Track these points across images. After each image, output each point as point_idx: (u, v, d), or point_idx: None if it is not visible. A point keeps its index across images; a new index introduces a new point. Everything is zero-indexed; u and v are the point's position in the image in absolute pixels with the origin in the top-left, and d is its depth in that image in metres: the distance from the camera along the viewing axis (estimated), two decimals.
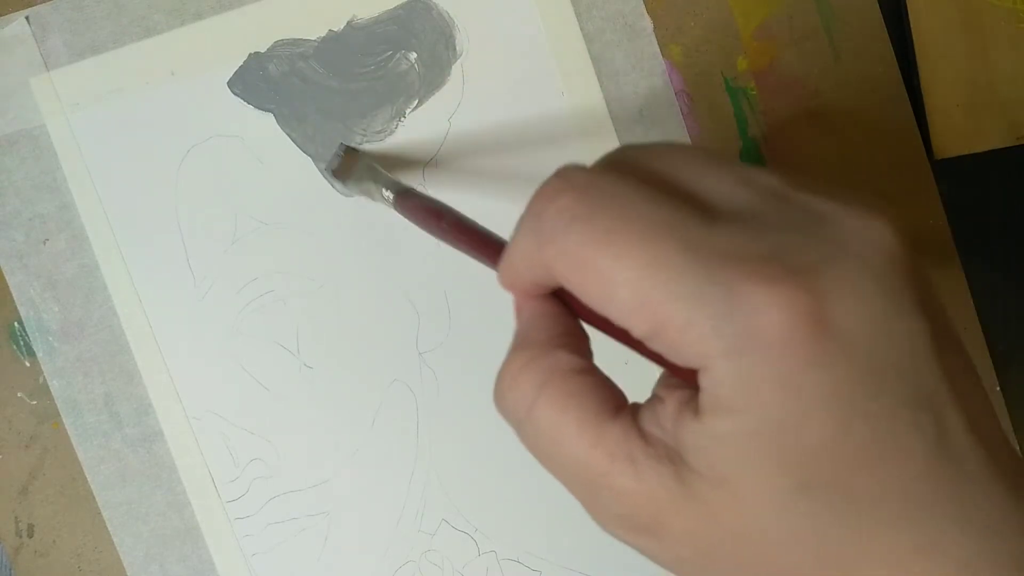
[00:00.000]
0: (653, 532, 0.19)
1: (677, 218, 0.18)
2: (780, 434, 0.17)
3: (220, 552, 0.36)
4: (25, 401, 0.36)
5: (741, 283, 0.17)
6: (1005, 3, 0.37)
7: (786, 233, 0.18)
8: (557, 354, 0.21)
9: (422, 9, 0.36)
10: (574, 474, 0.20)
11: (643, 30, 0.37)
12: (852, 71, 0.37)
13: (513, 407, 0.21)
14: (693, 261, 0.18)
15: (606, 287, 0.18)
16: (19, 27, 0.36)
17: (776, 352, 0.17)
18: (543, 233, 0.20)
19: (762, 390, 0.17)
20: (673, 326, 0.18)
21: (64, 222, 0.36)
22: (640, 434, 0.19)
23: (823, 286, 0.17)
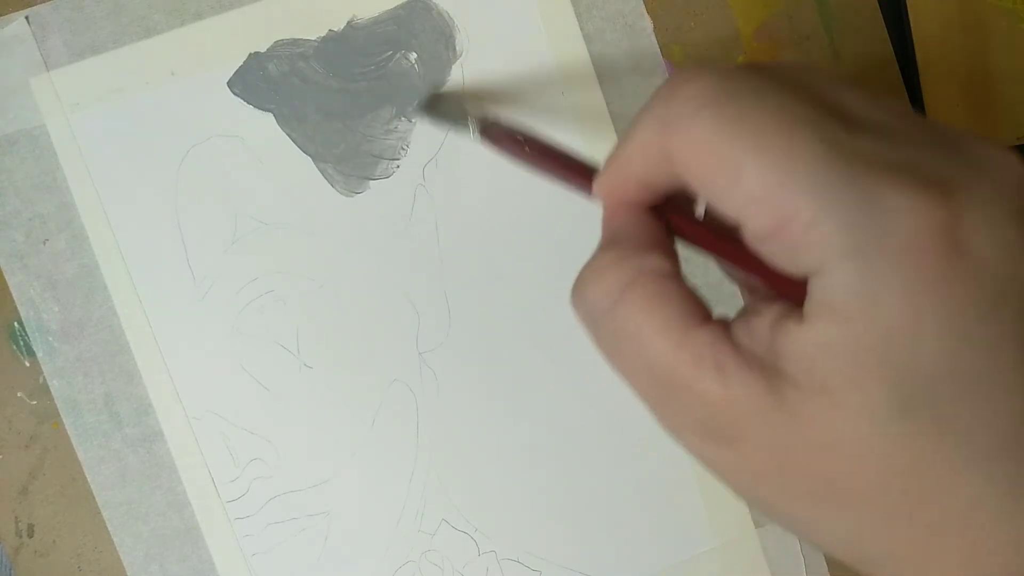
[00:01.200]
0: (732, 441, 0.19)
1: (818, 116, 0.18)
2: (893, 347, 0.17)
3: (220, 552, 0.36)
4: (25, 401, 0.36)
5: (880, 185, 0.17)
6: (1005, 3, 0.37)
7: (926, 149, 0.18)
8: (649, 255, 0.20)
9: (422, 9, 0.36)
10: (652, 375, 0.19)
11: (643, 30, 0.37)
12: (852, 71, 0.37)
13: (593, 301, 0.20)
14: (832, 157, 0.17)
15: (733, 175, 0.18)
16: (19, 27, 0.36)
17: (906, 259, 0.17)
18: (669, 120, 0.19)
19: (883, 297, 0.17)
20: (799, 220, 0.17)
21: (64, 222, 0.36)
22: (730, 341, 0.19)
23: (961, 203, 0.17)
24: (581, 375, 0.37)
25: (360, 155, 0.37)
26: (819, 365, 0.17)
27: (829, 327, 0.17)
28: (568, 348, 0.37)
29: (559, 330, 0.37)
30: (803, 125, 0.17)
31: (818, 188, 0.17)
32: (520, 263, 0.37)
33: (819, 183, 0.17)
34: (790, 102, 0.18)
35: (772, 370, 0.18)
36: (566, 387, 0.37)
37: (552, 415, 0.37)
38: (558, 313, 0.37)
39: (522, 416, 0.37)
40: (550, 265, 0.37)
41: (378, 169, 0.37)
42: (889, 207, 0.17)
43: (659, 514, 0.37)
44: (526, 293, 0.37)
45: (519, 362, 0.37)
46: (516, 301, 0.37)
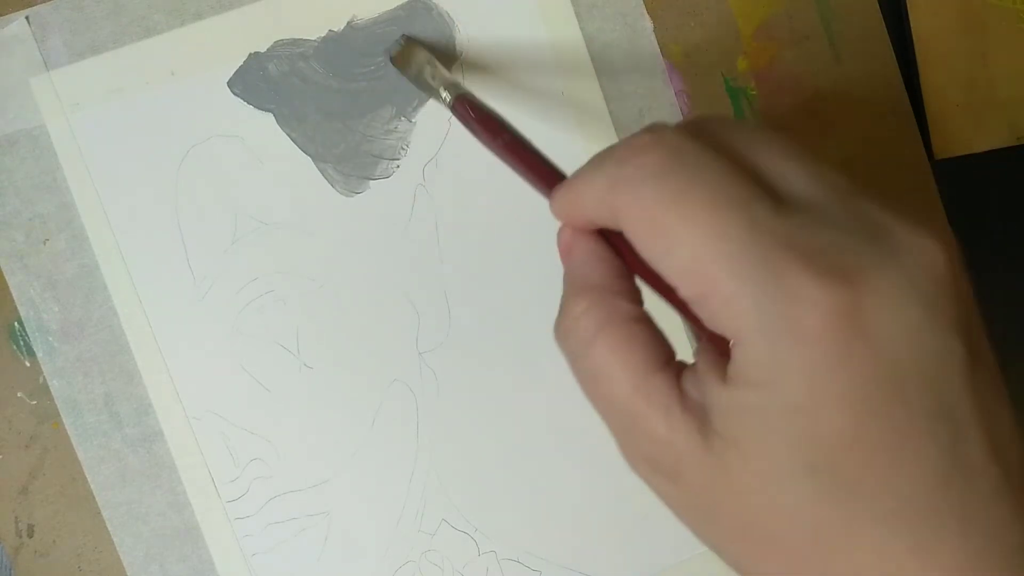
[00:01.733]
0: (672, 477, 0.21)
1: (747, 197, 0.19)
2: (797, 417, 0.18)
3: (220, 552, 0.36)
4: (25, 401, 0.36)
5: (791, 271, 0.18)
6: (1005, 3, 0.37)
7: (843, 233, 0.19)
8: (617, 301, 0.22)
9: (422, 9, 0.36)
10: (614, 412, 0.22)
11: (643, 30, 0.37)
12: (852, 71, 0.37)
13: (572, 344, 0.22)
14: (753, 241, 0.19)
15: (667, 244, 0.20)
16: (19, 27, 0.36)
17: (808, 342, 0.18)
18: (621, 179, 0.21)
19: (788, 374, 0.18)
20: (719, 295, 0.19)
21: (64, 222, 0.36)
22: (678, 389, 0.21)
23: (867, 289, 0.18)
24: None
25: (360, 155, 0.37)
26: (736, 422, 0.19)
27: (745, 391, 0.19)
28: None
29: None
30: (733, 206, 0.19)
31: (736, 269, 0.19)
32: (520, 263, 0.37)
33: (738, 265, 0.19)
34: (727, 181, 0.20)
35: (704, 419, 0.20)
36: (566, 387, 0.37)
37: (552, 415, 0.37)
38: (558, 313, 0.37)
39: (522, 416, 0.37)
40: (550, 265, 0.37)
41: (378, 169, 0.37)
42: (797, 292, 0.18)
43: (659, 514, 0.37)
44: (526, 293, 0.37)
45: (519, 362, 0.37)
46: (516, 301, 0.37)
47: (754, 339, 0.19)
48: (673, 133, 0.21)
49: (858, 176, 0.37)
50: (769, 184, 0.20)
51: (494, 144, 0.28)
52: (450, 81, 0.32)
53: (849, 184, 0.21)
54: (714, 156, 0.20)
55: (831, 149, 0.38)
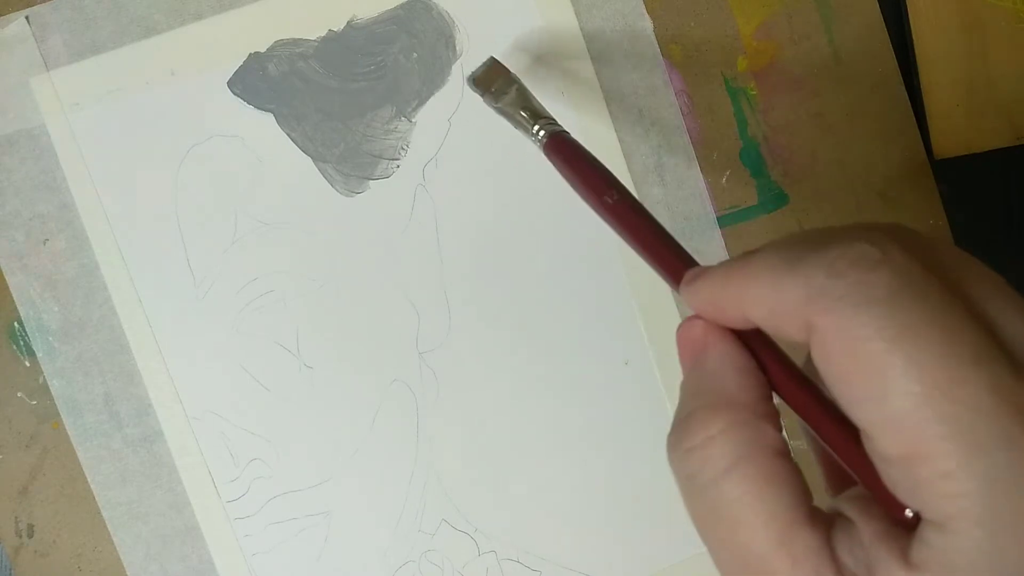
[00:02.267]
0: None
1: (988, 354, 0.16)
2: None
3: (220, 552, 0.36)
4: (25, 401, 0.36)
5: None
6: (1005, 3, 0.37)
7: None
8: (763, 426, 0.18)
9: (422, 9, 0.36)
10: (742, 563, 0.18)
11: (643, 30, 0.37)
12: (852, 71, 0.37)
13: (698, 468, 0.18)
14: (995, 408, 0.15)
15: (880, 389, 0.16)
16: (19, 27, 0.36)
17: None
18: (831, 297, 0.17)
19: (1010, 558, 0.15)
20: (935, 464, 0.16)
21: (64, 222, 0.36)
22: (831, 555, 0.17)
23: None
24: (581, 375, 0.37)
25: (360, 155, 0.37)
26: None
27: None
28: (568, 348, 0.37)
29: (559, 330, 0.37)
30: (972, 359, 0.16)
31: (970, 438, 0.15)
32: (520, 263, 0.37)
33: (973, 433, 0.15)
34: (963, 324, 0.16)
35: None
36: (566, 387, 0.37)
37: (552, 415, 0.37)
38: (557, 313, 0.37)
39: (522, 416, 0.37)
40: (550, 265, 0.37)
41: (378, 169, 0.37)
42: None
43: (659, 514, 0.37)
44: (526, 293, 0.37)
45: (519, 362, 0.37)
46: (516, 301, 0.37)
47: (971, 527, 0.15)
48: (901, 252, 0.17)
49: (858, 176, 0.38)
50: (1003, 341, 0.17)
51: (599, 206, 0.24)
52: (543, 115, 0.28)
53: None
54: (948, 293, 0.17)
55: (831, 149, 0.38)
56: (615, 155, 0.37)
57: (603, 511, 0.37)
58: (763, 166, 0.37)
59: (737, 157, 0.37)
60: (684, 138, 0.37)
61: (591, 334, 0.37)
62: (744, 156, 0.37)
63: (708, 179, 0.37)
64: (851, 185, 0.37)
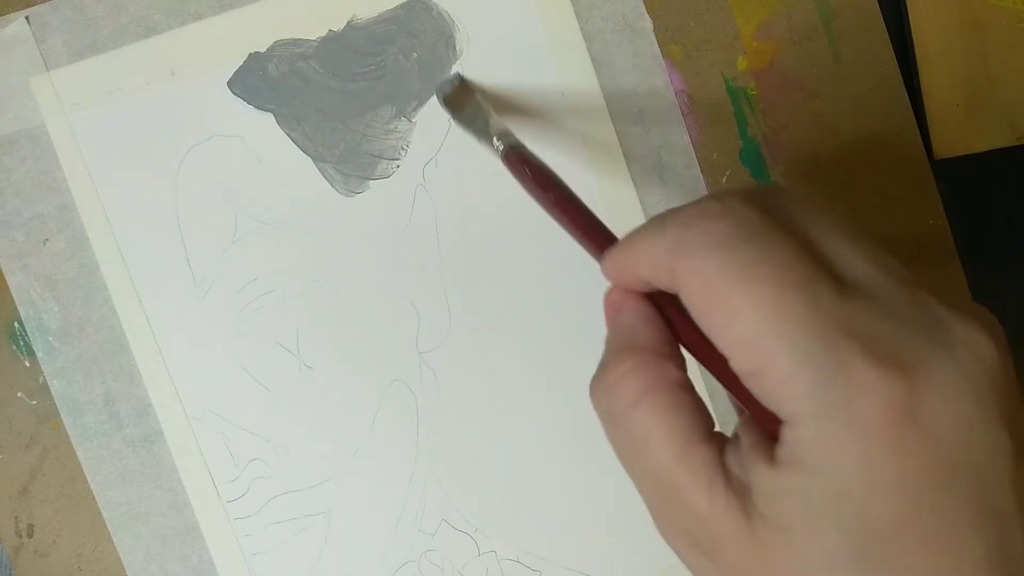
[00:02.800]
0: (709, 554, 0.20)
1: (811, 278, 0.19)
2: (847, 503, 0.18)
3: (220, 552, 0.36)
4: (25, 401, 0.36)
5: (851, 356, 0.18)
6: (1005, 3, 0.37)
7: (903, 323, 0.19)
8: (665, 365, 0.21)
9: (422, 9, 0.36)
10: (653, 480, 0.21)
11: (643, 30, 0.37)
12: (852, 71, 0.37)
13: (612, 404, 0.22)
14: (816, 322, 0.19)
15: (727, 316, 0.19)
16: (19, 27, 0.36)
17: (864, 429, 0.18)
18: (685, 243, 0.20)
19: (840, 459, 0.18)
20: (776, 374, 0.19)
21: (64, 222, 0.36)
22: (721, 464, 0.20)
23: (924, 381, 0.18)
24: (581, 375, 0.37)
25: (360, 155, 0.37)
26: (782, 506, 0.19)
27: (794, 475, 0.19)
28: (567, 348, 0.37)
29: (559, 330, 0.37)
30: (798, 287, 0.19)
31: (797, 350, 0.19)
32: (520, 263, 0.37)
33: (799, 345, 0.19)
34: (793, 259, 0.19)
35: (747, 499, 0.20)
36: (566, 387, 0.37)
37: (552, 415, 0.37)
38: (557, 313, 0.37)
39: (522, 416, 0.37)
40: (550, 265, 0.37)
41: (378, 169, 0.37)
42: (856, 379, 0.18)
43: None
44: (526, 293, 0.37)
45: (519, 362, 0.37)
46: (516, 301, 0.37)
47: (808, 422, 0.19)
48: (741, 203, 0.21)
49: (858, 176, 0.37)
50: (831, 266, 0.20)
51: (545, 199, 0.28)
52: (503, 131, 0.31)
53: (906, 272, 0.21)
54: (781, 232, 0.20)
55: (831, 150, 0.38)
56: (615, 155, 0.37)
57: (603, 511, 0.37)
58: (763, 166, 0.37)
59: (737, 157, 0.37)
60: (684, 138, 0.37)
61: (591, 334, 0.37)
62: (744, 156, 0.37)
63: (708, 179, 0.37)
64: (851, 185, 0.38)
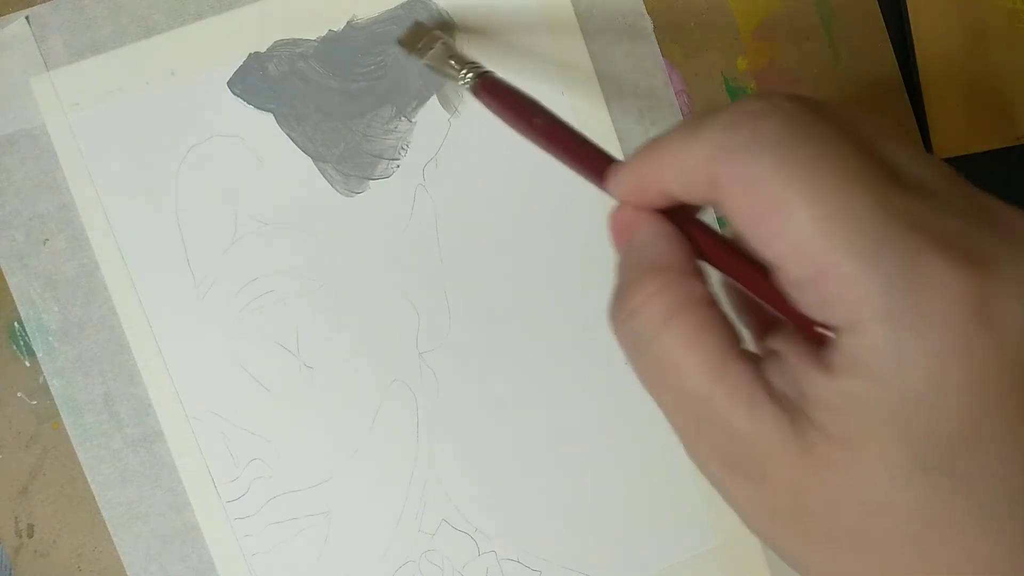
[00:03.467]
0: (755, 477, 0.19)
1: (876, 174, 0.18)
2: (918, 410, 0.17)
3: (220, 552, 0.36)
4: (25, 401, 0.36)
5: (924, 253, 0.17)
6: (1005, 3, 0.37)
7: (971, 220, 0.18)
8: (692, 282, 0.20)
9: (422, 9, 0.36)
10: (687, 405, 0.20)
11: (643, 30, 0.37)
12: (852, 71, 0.37)
13: (638, 328, 0.20)
14: (882, 219, 0.17)
15: (783, 219, 0.18)
16: (19, 27, 0.36)
17: (938, 328, 0.17)
18: (729, 148, 0.19)
19: (912, 363, 0.17)
20: (839, 277, 0.18)
21: (64, 222, 0.36)
22: (763, 379, 0.19)
23: (995, 277, 0.17)
24: (581, 375, 0.37)
25: (360, 155, 0.37)
26: (845, 417, 0.18)
27: (858, 383, 0.18)
28: (567, 348, 0.37)
29: (559, 330, 0.37)
30: (859, 181, 0.18)
31: (864, 248, 0.17)
32: (520, 263, 0.37)
33: (866, 243, 0.17)
34: (850, 154, 0.18)
35: (800, 413, 0.18)
36: (566, 387, 0.37)
37: (552, 415, 0.37)
38: (558, 313, 0.37)
39: (522, 416, 0.37)
40: (550, 265, 0.37)
41: (378, 169, 0.37)
42: (929, 275, 0.17)
43: (659, 514, 0.37)
44: (526, 293, 0.37)
45: (519, 362, 0.37)
46: (516, 301, 0.37)
47: (875, 325, 0.17)
48: (789, 102, 0.19)
49: None
50: (891, 166, 0.19)
51: (528, 130, 0.26)
52: (468, 61, 0.30)
53: (957, 174, 0.19)
54: (837, 130, 0.19)
55: None
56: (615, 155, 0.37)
57: (603, 511, 0.37)
58: None
59: None
60: None
61: (592, 334, 0.37)
62: None
63: None
64: None
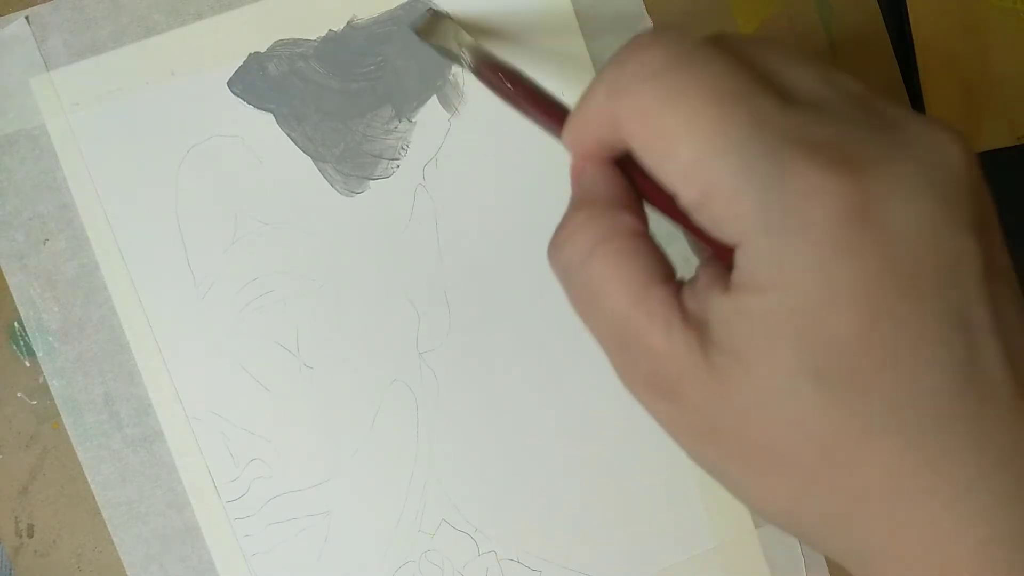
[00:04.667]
0: (672, 396, 0.20)
1: (752, 92, 0.18)
2: (804, 318, 0.17)
3: (220, 552, 0.36)
4: (25, 401, 0.36)
5: (795, 162, 0.17)
6: (1005, 3, 0.37)
7: (852, 126, 0.18)
8: (619, 214, 0.21)
9: (422, 9, 0.36)
10: (611, 327, 0.20)
11: (643, 30, 0.37)
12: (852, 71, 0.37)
13: (568, 257, 0.21)
14: (755, 135, 0.18)
15: (668, 146, 0.18)
16: (19, 27, 0.36)
17: (814, 235, 0.17)
18: (619, 83, 0.19)
19: (794, 271, 0.17)
20: (722, 195, 0.18)
21: (64, 222, 0.36)
22: (679, 303, 0.20)
23: (877, 180, 0.17)
24: (581, 375, 0.37)
25: (360, 155, 0.37)
26: (737, 331, 0.18)
27: (747, 297, 0.18)
28: (568, 348, 0.37)
29: (559, 330, 0.37)
30: (736, 100, 0.18)
31: (739, 165, 0.17)
32: (520, 263, 0.37)
33: (740, 160, 0.17)
34: (731, 76, 0.18)
35: (705, 332, 0.19)
36: (566, 387, 0.37)
37: (552, 415, 0.37)
38: (558, 313, 0.37)
39: (522, 416, 0.37)
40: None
41: (378, 169, 0.37)
42: (802, 185, 0.17)
43: (659, 514, 0.37)
44: (526, 293, 0.37)
45: (519, 362, 0.37)
46: (516, 301, 0.37)
47: (757, 238, 0.18)
48: (676, 32, 0.20)
49: None
50: (778, 84, 0.19)
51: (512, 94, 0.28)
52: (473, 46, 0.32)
53: (864, 88, 0.20)
54: (717, 52, 0.19)
55: None
56: None
57: (603, 511, 0.37)
58: None
59: None
60: None
61: None
62: None
63: None
64: None
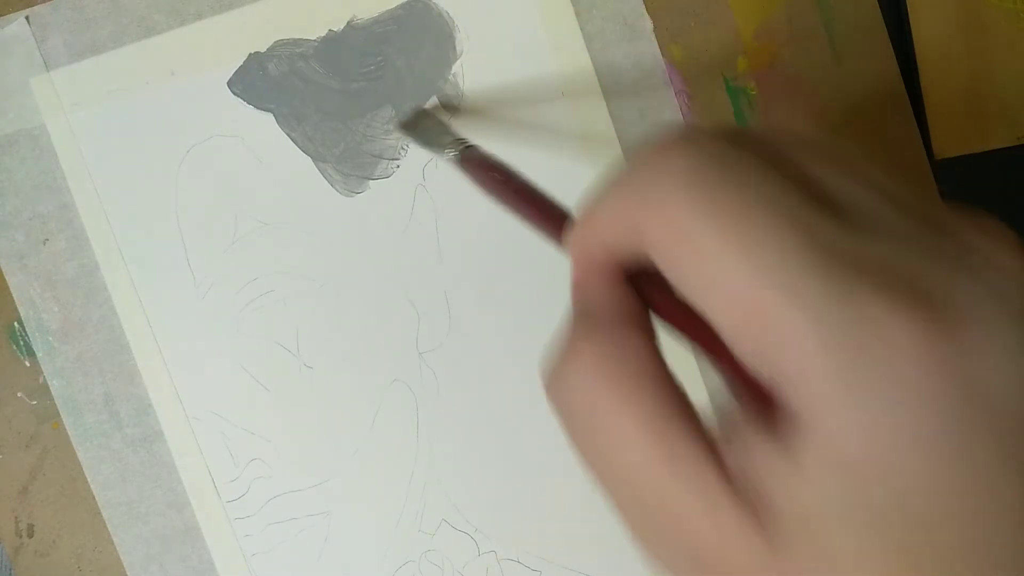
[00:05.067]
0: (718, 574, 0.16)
1: (806, 211, 0.16)
2: (904, 501, 0.14)
3: (220, 552, 0.36)
4: (25, 401, 0.36)
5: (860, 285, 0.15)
6: (1005, 3, 0.37)
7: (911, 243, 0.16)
8: (633, 336, 0.18)
9: (422, 9, 0.36)
10: (629, 488, 0.17)
11: (643, 30, 0.37)
12: (852, 71, 0.37)
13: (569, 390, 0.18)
14: (819, 261, 0.15)
15: (708, 270, 0.16)
16: (19, 27, 0.36)
17: (902, 393, 0.14)
18: (647, 193, 0.16)
19: (886, 441, 0.14)
20: (767, 315, 0.15)
21: (64, 222, 0.36)
22: (719, 465, 0.16)
23: (965, 327, 0.14)
24: None
25: (360, 155, 0.37)
26: (819, 521, 0.15)
27: (827, 473, 0.15)
28: None
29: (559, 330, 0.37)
30: (792, 222, 0.15)
31: (790, 281, 0.15)
32: (520, 263, 0.37)
33: (792, 276, 0.15)
34: (780, 193, 0.16)
35: (762, 508, 0.16)
36: None
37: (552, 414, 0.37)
38: (558, 313, 0.37)
39: (522, 416, 0.37)
40: (550, 264, 0.37)
41: (378, 169, 0.37)
42: (871, 315, 0.14)
43: None
44: (526, 293, 0.37)
45: (519, 362, 0.37)
46: (516, 301, 0.37)
47: (824, 384, 0.15)
48: (706, 134, 0.17)
49: None
50: (823, 194, 0.16)
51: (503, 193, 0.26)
52: (459, 142, 0.31)
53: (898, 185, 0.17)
54: (758, 161, 0.16)
55: None
56: (615, 155, 0.37)
57: (603, 511, 0.37)
58: None
59: None
60: None
61: None
62: None
63: None
64: None
